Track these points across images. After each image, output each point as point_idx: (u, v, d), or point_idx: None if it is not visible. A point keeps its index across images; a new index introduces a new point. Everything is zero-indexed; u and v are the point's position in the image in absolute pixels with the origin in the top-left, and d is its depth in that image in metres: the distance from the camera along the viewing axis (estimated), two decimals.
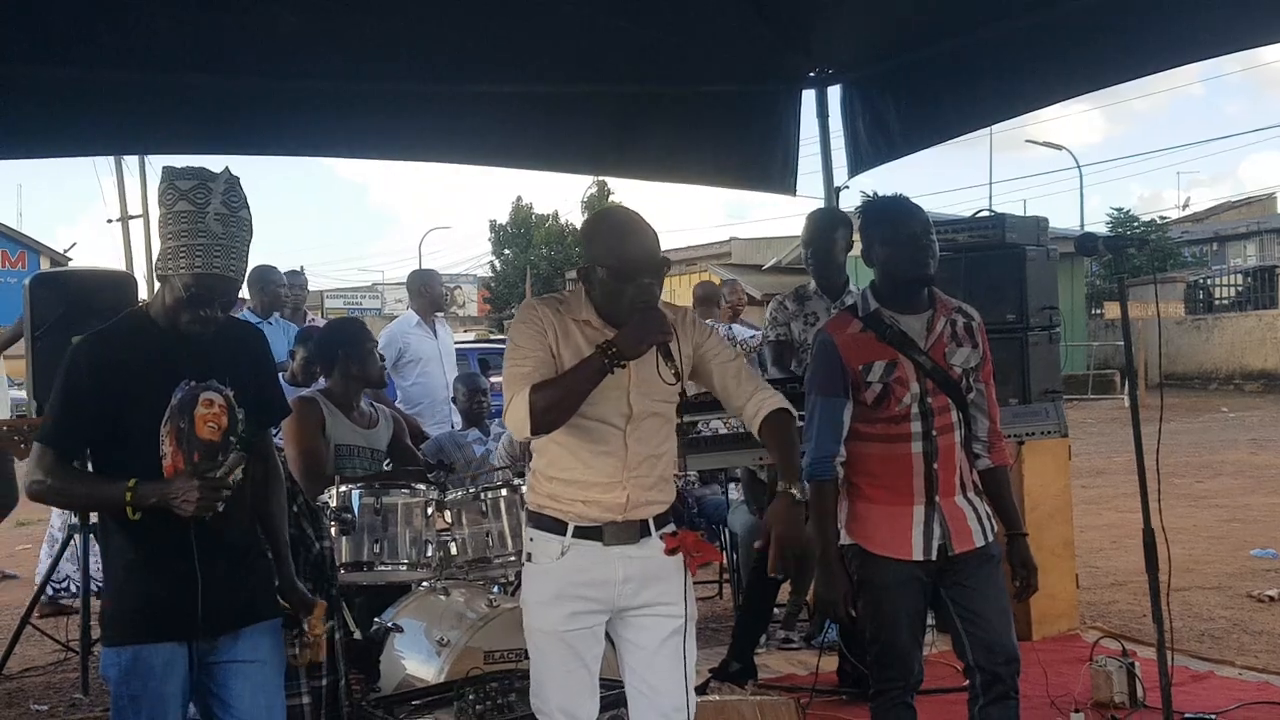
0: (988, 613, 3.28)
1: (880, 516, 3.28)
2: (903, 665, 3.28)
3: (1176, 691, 3.65)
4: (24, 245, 37.56)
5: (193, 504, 2.58)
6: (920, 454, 3.25)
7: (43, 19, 4.46)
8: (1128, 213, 35.72)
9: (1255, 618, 6.20)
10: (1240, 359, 24.74)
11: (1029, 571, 3.37)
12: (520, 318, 2.93)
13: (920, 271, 3.28)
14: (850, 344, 3.29)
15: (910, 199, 3.42)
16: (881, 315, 3.30)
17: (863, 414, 3.28)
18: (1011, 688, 3.30)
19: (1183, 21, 4.83)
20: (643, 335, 2.75)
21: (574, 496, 2.87)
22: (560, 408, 2.75)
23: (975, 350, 3.36)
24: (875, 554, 3.27)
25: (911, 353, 3.26)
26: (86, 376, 2.66)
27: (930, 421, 3.26)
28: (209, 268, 2.63)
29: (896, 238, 3.28)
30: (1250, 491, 11.10)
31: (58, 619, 6.19)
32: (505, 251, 43.11)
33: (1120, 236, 3.80)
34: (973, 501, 3.34)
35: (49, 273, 18.65)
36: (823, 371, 3.33)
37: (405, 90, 5.53)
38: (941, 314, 3.34)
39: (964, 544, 3.27)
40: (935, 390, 3.27)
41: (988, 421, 3.41)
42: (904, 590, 3.26)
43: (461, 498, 4.40)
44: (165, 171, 2.70)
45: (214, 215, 2.63)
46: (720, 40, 5.62)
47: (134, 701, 2.68)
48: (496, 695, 3.75)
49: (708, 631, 5.78)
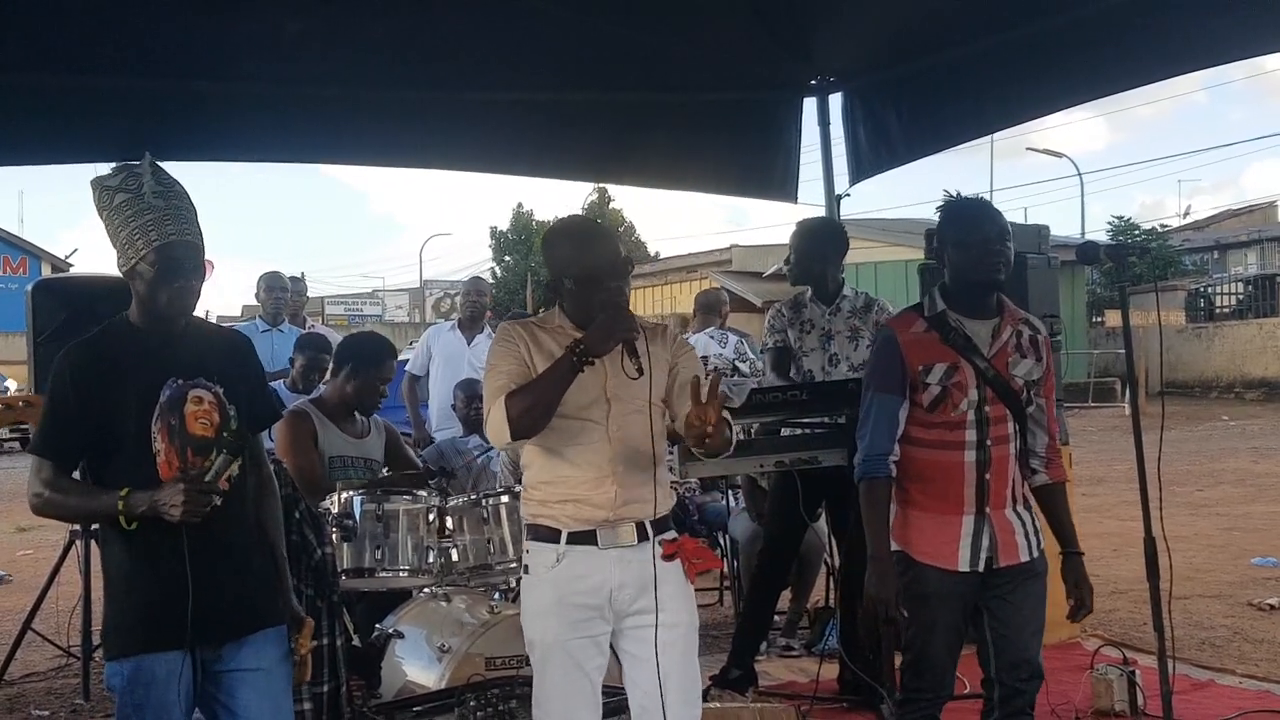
0: (1022, 630, 3.25)
1: (928, 524, 3.22)
2: (934, 677, 3.23)
3: (1177, 700, 3.65)
4: (25, 251, 37.60)
5: (179, 508, 2.57)
6: (973, 463, 3.19)
7: (46, 26, 4.47)
8: (1129, 221, 35.77)
9: (1256, 626, 6.19)
10: (1241, 367, 24.73)
11: (1084, 591, 3.30)
12: (497, 339, 3.01)
13: (989, 276, 3.20)
14: (912, 343, 3.23)
15: (990, 202, 3.37)
16: (947, 317, 3.23)
17: (918, 417, 3.22)
18: (1029, 703, 3.28)
19: (1184, 30, 4.83)
20: (609, 332, 2.80)
21: (563, 497, 2.90)
22: (535, 410, 2.79)
23: (1039, 364, 3.29)
24: (920, 562, 3.21)
25: (974, 358, 3.19)
26: (70, 385, 2.66)
27: (986, 430, 3.19)
28: (165, 237, 2.66)
29: (968, 240, 3.22)
30: (1251, 500, 11.09)
31: (58, 625, 6.18)
32: (506, 258, 43.09)
33: (1121, 245, 3.80)
34: (1022, 515, 3.27)
35: (51, 279, 18.58)
36: (881, 368, 3.27)
37: (407, 97, 5.54)
38: (1009, 323, 3.27)
39: (1010, 558, 3.22)
40: (994, 399, 3.20)
41: (1046, 437, 3.34)
42: (945, 601, 3.21)
43: (463, 504, 4.40)
44: (93, 182, 2.74)
45: (151, 193, 2.67)
46: (722, 48, 5.63)
47: (138, 710, 2.68)
48: (497, 702, 3.75)
49: (708, 638, 5.77)
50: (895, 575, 3.20)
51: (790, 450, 4.72)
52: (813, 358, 5.10)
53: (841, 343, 5.09)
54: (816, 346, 5.10)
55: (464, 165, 6.37)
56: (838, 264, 5.17)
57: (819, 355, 5.10)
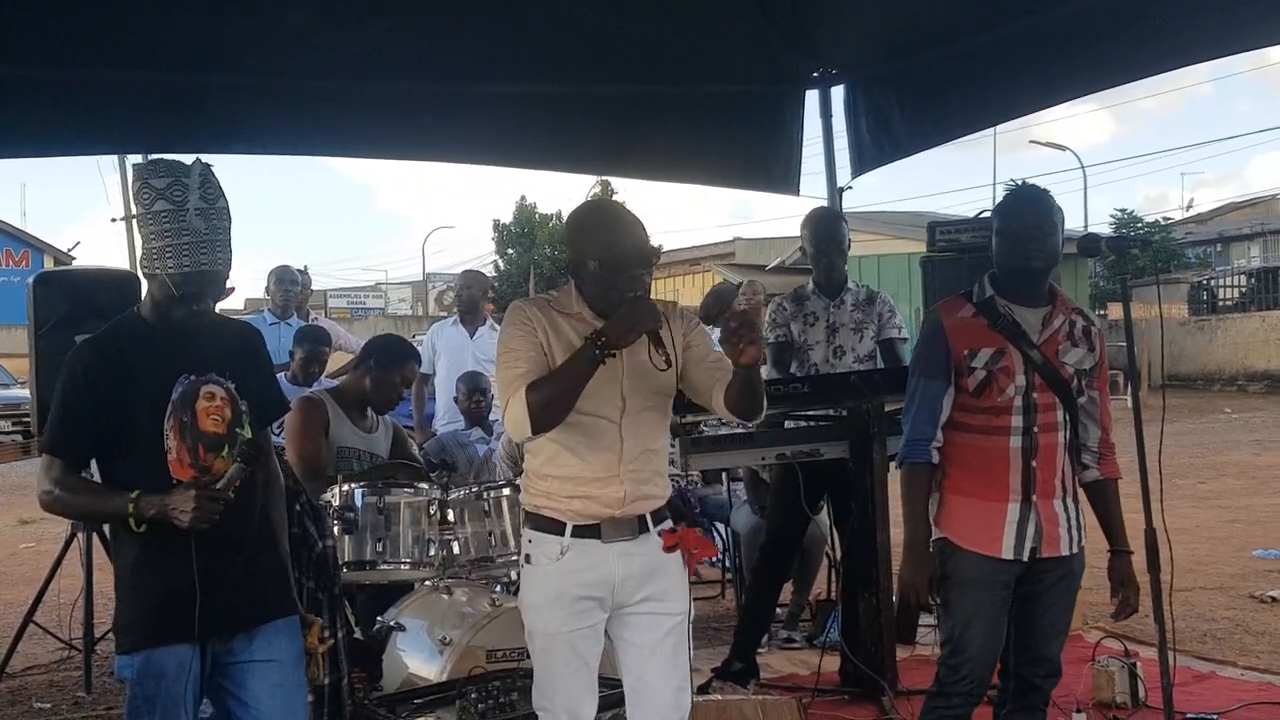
0: (1048, 627, 3.23)
1: (972, 511, 3.18)
2: (972, 670, 3.16)
3: (1178, 692, 3.65)
4: (28, 244, 37.60)
5: (190, 514, 2.58)
6: (1019, 449, 3.15)
7: (47, 19, 4.47)
8: (1131, 214, 35.74)
9: (1258, 618, 6.19)
10: (1243, 360, 24.70)
11: (1130, 590, 3.26)
12: (509, 320, 2.92)
13: (1022, 262, 3.16)
14: (959, 328, 3.20)
15: (1043, 189, 3.30)
16: (996, 303, 3.20)
17: (963, 402, 3.18)
18: (1044, 700, 3.26)
19: (1187, 22, 4.82)
20: (632, 323, 2.73)
21: (571, 493, 2.87)
22: (557, 404, 2.75)
23: (1091, 353, 3.26)
24: (963, 548, 3.17)
25: (1022, 344, 3.16)
26: (83, 382, 2.66)
27: (1033, 417, 3.15)
28: (197, 265, 2.63)
29: (1009, 227, 3.19)
30: (1253, 493, 11.09)
31: (60, 618, 6.19)
32: (509, 251, 43.05)
33: (1123, 237, 3.78)
34: (1069, 508, 3.22)
35: (52, 272, 18.69)
36: (926, 353, 3.25)
37: (410, 90, 5.54)
38: (1060, 311, 3.24)
39: (1051, 549, 3.18)
40: (1042, 387, 3.16)
41: (1099, 431, 3.30)
42: (987, 590, 3.15)
43: (464, 497, 4.40)
44: (137, 170, 2.69)
45: (194, 211, 2.62)
46: (724, 41, 5.62)
47: (148, 701, 2.69)
48: (499, 694, 3.75)
49: (710, 631, 5.77)
50: (931, 562, 3.18)
51: (792, 443, 4.72)
52: (817, 350, 5.10)
53: (846, 335, 5.09)
54: (821, 339, 5.10)
55: (467, 158, 6.36)
56: (844, 256, 5.18)
57: (823, 348, 5.09)
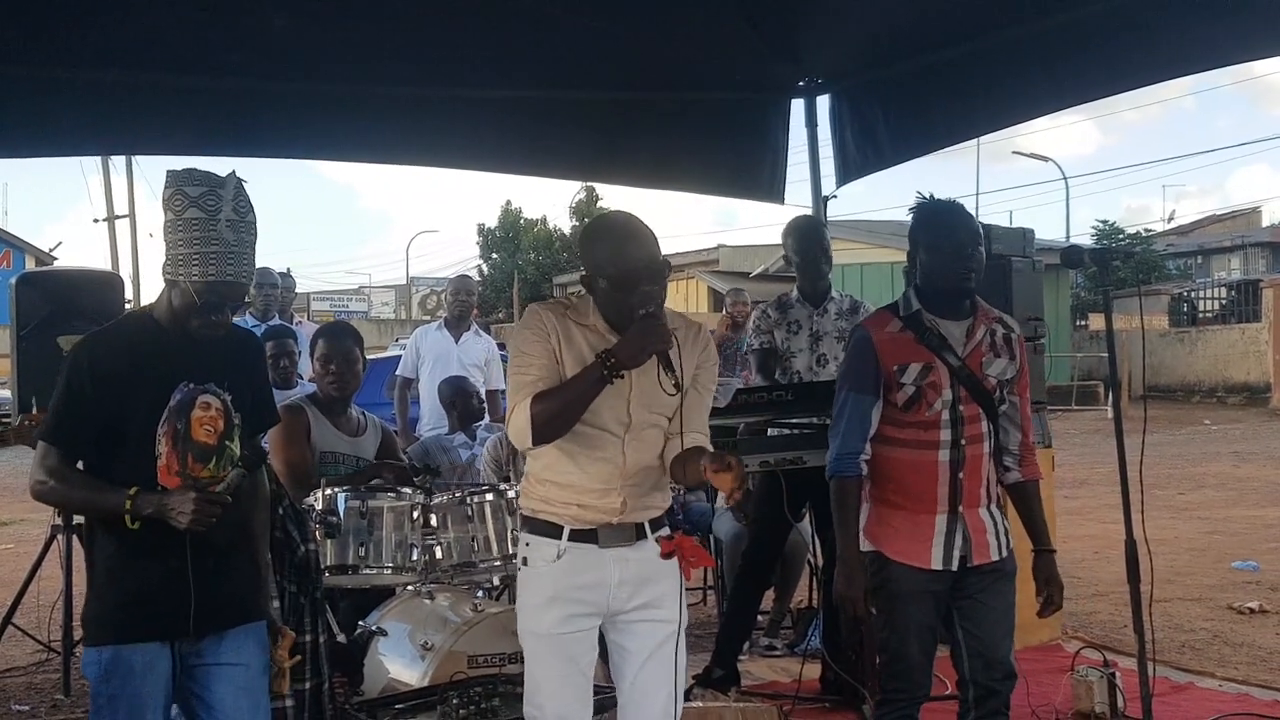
0: (993, 629, 3.27)
1: (901, 523, 3.24)
2: (910, 677, 3.24)
3: (1157, 702, 3.67)
4: (9, 244, 37.37)
5: (188, 516, 2.60)
6: (947, 462, 3.21)
7: (30, 18, 4.45)
8: (1113, 225, 35.90)
9: (1236, 629, 6.23)
10: (1223, 372, 24.83)
11: (1054, 588, 3.34)
12: (524, 323, 2.90)
13: (960, 284, 3.23)
14: (887, 342, 3.24)
15: (964, 206, 3.35)
16: (922, 317, 3.25)
17: (892, 416, 3.23)
18: (1004, 704, 3.29)
19: (1173, 35, 4.85)
20: (642, 345, 2.72)
21: (569, 500, 2.88)
22: (560, 419, 2.75)
23: (1012, 362, 3.32)
24: (893, 560, 3.23)
25: (948, 358, 3.21)
26: (88, 375, 2.67)
27: (960, 430, 3.22)
28: (222, 275, 2.65)
29: (940, 245, 3.23)
30: (1232, 504, 11.15)
31: (39, 620, 6.16)
32: (493, 255, 43.01)
33: (1105, 249, 3.82)
34: (994, 514, 3.30)
35: (34, 272, 18.58)
36: (856, 367, 3.29)
37: (395, 94, 5.53)
38: (982, 322, 3.30)
39: (981, 556, 3.24)
40: (968, 399, 3.22)
41: (1019, 434, 3.37)
42: (919, 600, 3.23)
43: (447, 502, 4.39)
44: (171, 176, 2.69)
45: (225, 222, 2.64)
46: (710, 49, 5.64)
47: (112, 701, 2.68)
48: (480, 699, 3.75)
49: (692, 637, 5.75)
50: (863, 574, 3.23)
51: (775, 450, 4.73)
52: (800, 358, 5.12)
53: (830, 344, 5.11)
54: (804, 347, 5.12)
55: (452, 163, 6.35)
56: (829, 264, 5.20)
57: (806, 355, 5.11)
